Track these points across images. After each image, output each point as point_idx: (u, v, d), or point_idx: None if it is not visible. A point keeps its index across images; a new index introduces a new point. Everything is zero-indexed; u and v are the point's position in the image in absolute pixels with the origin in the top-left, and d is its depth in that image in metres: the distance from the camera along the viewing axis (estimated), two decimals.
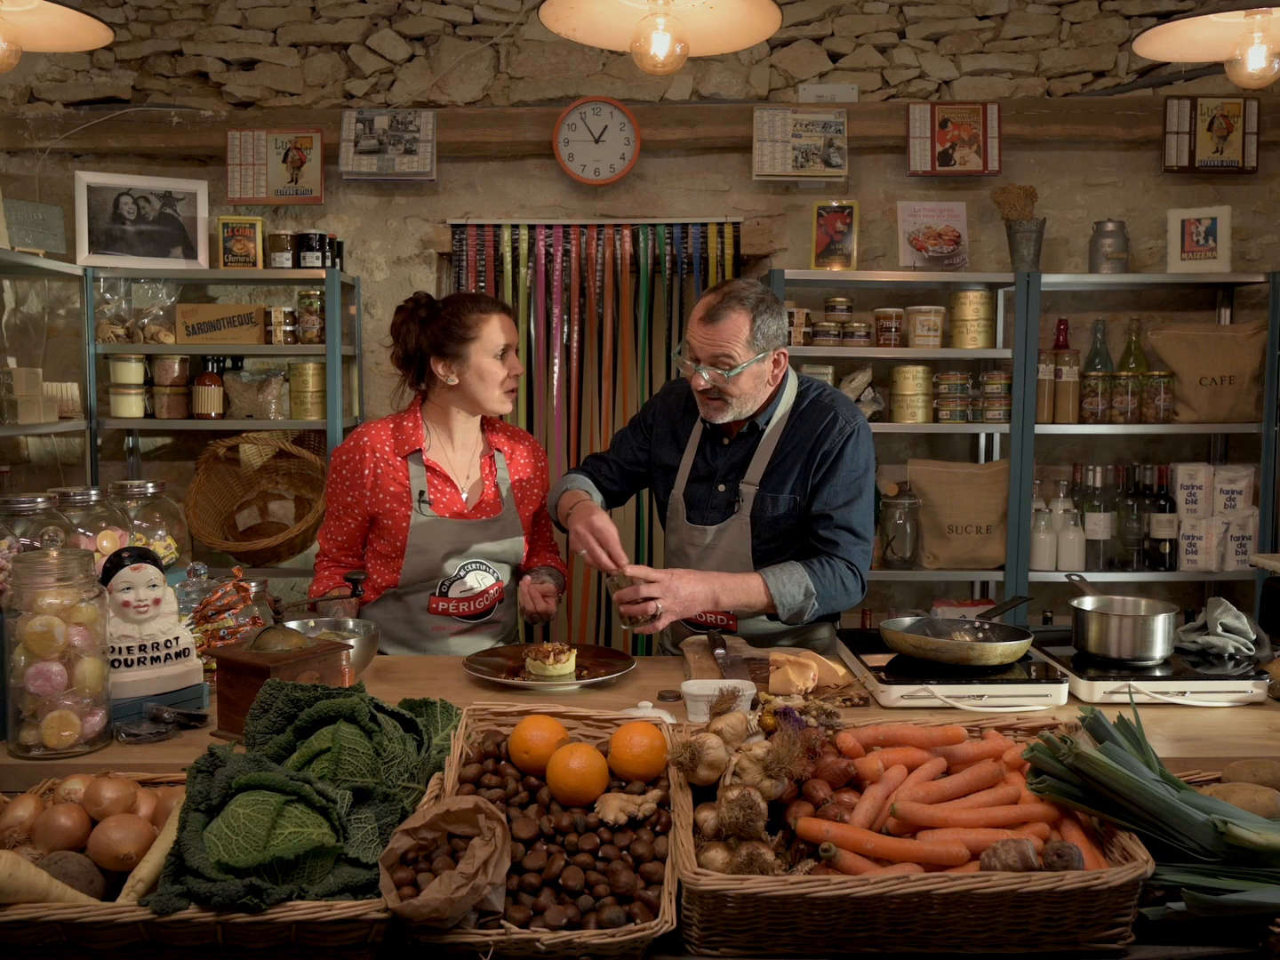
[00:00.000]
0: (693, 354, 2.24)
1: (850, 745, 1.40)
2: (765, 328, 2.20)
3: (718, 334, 2.18)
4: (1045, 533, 3.70)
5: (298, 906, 1.12)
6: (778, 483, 2.28)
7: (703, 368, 2.21)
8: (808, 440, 2.27)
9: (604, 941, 1.11)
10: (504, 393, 2.38)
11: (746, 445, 2.33)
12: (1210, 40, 2.45)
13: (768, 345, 2.22)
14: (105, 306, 3.81)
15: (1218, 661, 2.02)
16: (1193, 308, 3.93)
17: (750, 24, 2.33)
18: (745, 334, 2.18)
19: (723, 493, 2.33)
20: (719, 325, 2.18)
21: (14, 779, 1.55)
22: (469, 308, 2.34)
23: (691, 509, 2.36)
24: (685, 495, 2.37)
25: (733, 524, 2.30)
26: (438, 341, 2.35)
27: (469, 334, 2.33)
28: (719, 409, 2.25)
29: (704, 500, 2.35)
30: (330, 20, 3.88)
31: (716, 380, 2.20)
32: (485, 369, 2.33)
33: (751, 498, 2.29)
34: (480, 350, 2.33)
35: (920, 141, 3.77)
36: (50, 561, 1.61)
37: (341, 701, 1.39)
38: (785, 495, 2.27)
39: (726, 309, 2.19)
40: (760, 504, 2.28)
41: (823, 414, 2.29)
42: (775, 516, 2.28)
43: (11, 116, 3.81)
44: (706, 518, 2.34)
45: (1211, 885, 1.18)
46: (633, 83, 3.88)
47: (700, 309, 2.22)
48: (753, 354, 2.20)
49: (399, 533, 2.33)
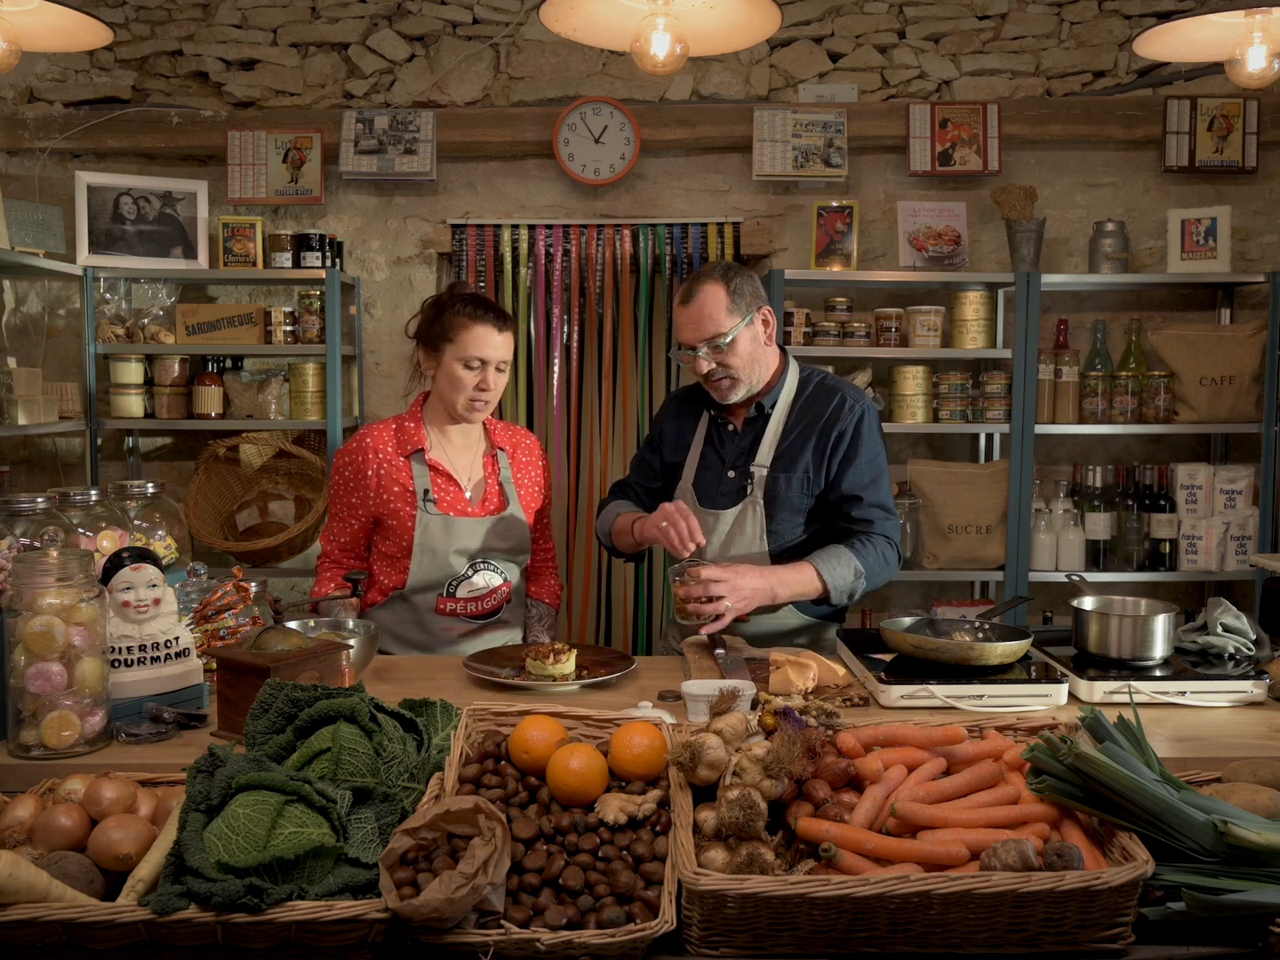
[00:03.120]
0: (686, 343, 2.28)
1: (850, 745, 1.40)
2: (741, 290, 2.26)
3: (700, 310, 2.24)
4: (1045, 533, 3.70)
5: (298, 906, 1.12)
6: (788, 463, 2.30)
7: (699, 351, 2.25)
8: (817, 422, 2.31)
9: (604, 941, 1.11)
10: (469, 402, 2.33)
11: (754, 430, 2.35)
12: (1210, 40, 2.45)
13: (750, 306, 2.27)
14: (105, 306, 3.81)
15: (1218, 661, 2.01)
16: (1193, 308, 3.93)
17: (750, 24, 2.33)
18: (725, 301, 2.24)
19: (733, 479, 2.35)
20: (697, 301, 2.24)
21: (14, 779, 1.55)
22: (459, 309, 2.32)
23: (702, 496, 2.38)
24: (695, 484, 2.39)
25: (745, 507, 2.31)
26: (424, 330, 2.37)
27: (447, 334, 2.32)
28: (730, 387, 2.29)
29: (714, 487, 2.37)
30: (330, 20, 3.88)
31: (716, 357, 2.25)
32: (453, 374, 2.31)
33: (763, 479, 2.31)
34: (452, 353, 2.31)
35: (920, 141, 3.77)
36: (50, 561, 1.61)
37: (341, 701, 1.39)
38: (798, 475, 2.29)
39: (698, 286, 2.25)
40: (772, 484, 2.30)
41: (830, 396, 2.33)
42: (787, 496, 2.30)
43: (11, 116, 3.82)
44: (717, 503, 2.36)
45: (1211, 885, 1.18)
46: (633, 83, 3.88)
47: (677, 297, 2.29)
48: (739, 318, 2.25)
49: (404, 532, 2.33)
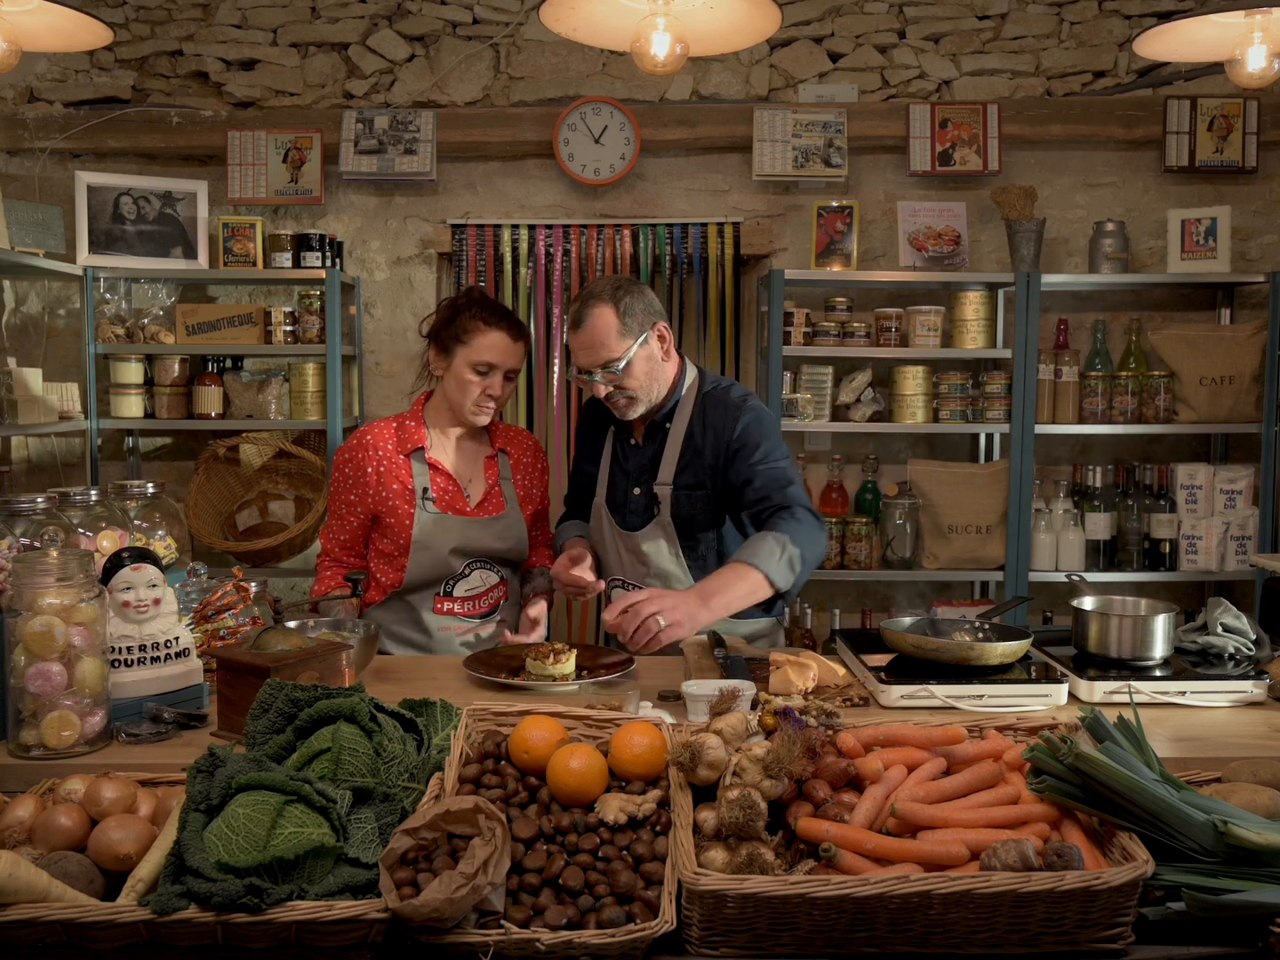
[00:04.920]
0: (581, 367, 2.25)
1: (850, 745, 1.40)
2: (632, 309, 2.21)
3: (590, 337, 2.20)
4: (1045, 533, 3.70)
5: (298, 906, 1.12)
6: (690, 479, 2.28)
7: (595, 376, 2.22)
8: (712, 435, 2.27)
9: (604, 941, 1.11)
10: (474, 406, 2.35)
11: (654, 444, 2.33)
12: (1210, 40, 2.45)
13: (644, 324, 2.23)
14: (105, 306, 3.81)
15: (1218, 661, 2.01)
16: (1193, 308, 3.93)
17: (750, 24, 2.33)
18: (615, 325, 2.19)
19: (638, 496, 2.34)
20: (586, 328, 2.20)
21: (14, 779, 1.55)
22: (475, 312, 2.33)
23: (615, 514, 2.37)
24: (608, 502, 2.38)
25: (655, 528, 2.31)
26: (438, 331, 2.38)
27: (460, 336, 2.33)
28: (629, 405, 2.27)
29: (624, 505, 2.36)
30: (330, 20, 3.88)
31: (611, 380, 2.22)
32: (462, 377, 2.33)
33: (668, 498, 2.29)
34: (464, 356, 2.32)
35: (920, 141, 3.77)
36: (50, 561, 1.61)
37: (341, 701, 1.39)
38: (700, 492, 2.28)
39: (587, 310, 2.21)
40: (677, 503, 2.29)
41: (724, 409, 2.28)
42: (693, 514, 2.28)
43: (11, 116, 3.81)
44: (628, 522, 2.35)
45: (1211, 885, 1.18)
46: (633, 83, 3.88)
47: (568, 319, 2.24)
48: (631, 340, 2.21)
49: (402, 530, 2.33)
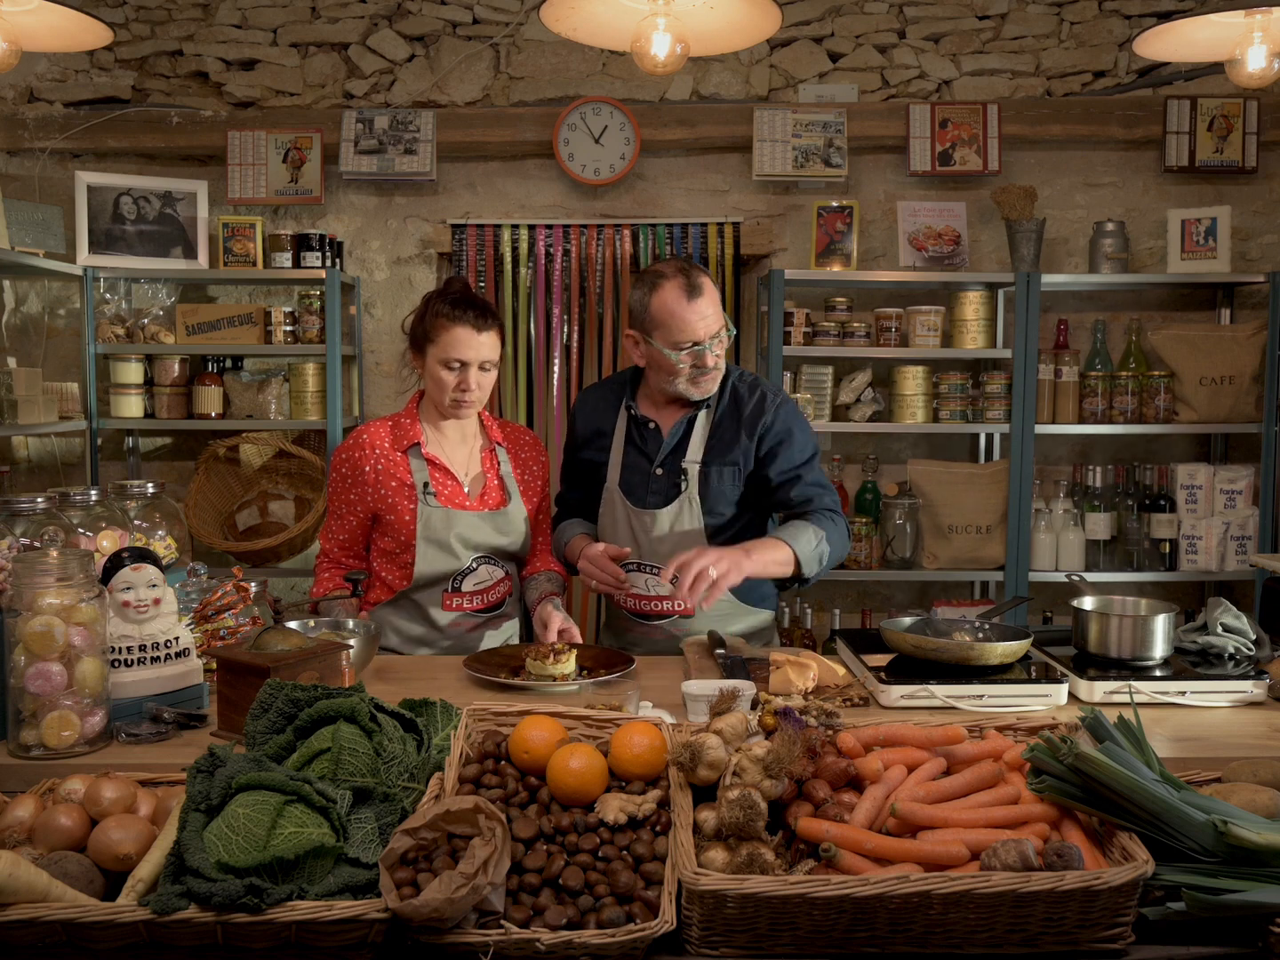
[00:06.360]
0: (698, 339, 2.22)
1: (850, 745, 1.40)
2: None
3: (711, 301, 2.23)
4: (1045, 533, 3.70)
5: (298, 906, 1.12)
6: (720, 455, 2.30)
7: (709, 345, 2.23)
8: (742, 415, 2.32)
9: (604, 941, 1.11)
10: (452, 402, 2.34)
11: (682, 428, 2.34)
12: (1210, 40, 2.45)
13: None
14: (105, 306, 3.81)
15: (1218, 661, 2.01)
16: (1193, 308, 3.93)
17: (750, 24, 2.33)
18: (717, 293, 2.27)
19: (662, 476, 2.34)
20: (708, 295, 2.23)
21: (14, 779, 1.55)
22: (441, 310, 2.30)
23: (630, 496, 2.36)
24: (621, 485, 2.38)
25: (681, 504, 2.31)
26: (412, 330, 2.38)
27: (429, 335, 2.32)
28: (714, 378, 2.29)
29: (642, 486, 2.36)
30: (330, 20, 3.88)
31: (718, 349, 2.25)
32: (435, 375, 2.32)
33: (696, 475, 2.30)
34: (434, 355, 2.31)
35: (920, 141, 3.77)
36: (50, 561, 1.61)
37: (341, 701, 1.39)
38: (729, 466, 2.30)
39: (701, 278, 2.23)
40: (704, 479, 2.30)
41: (751, 392, 2.35)
42: (720, 488, 2.30)
43: (11, 116, 3.82)
44: (648, 503, 2.34)
45: (1211, 885, 1.18)
46: (633, 83, 3.88)
47: (676, 292, 2.20)
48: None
49: (403, 527, 2.32)
